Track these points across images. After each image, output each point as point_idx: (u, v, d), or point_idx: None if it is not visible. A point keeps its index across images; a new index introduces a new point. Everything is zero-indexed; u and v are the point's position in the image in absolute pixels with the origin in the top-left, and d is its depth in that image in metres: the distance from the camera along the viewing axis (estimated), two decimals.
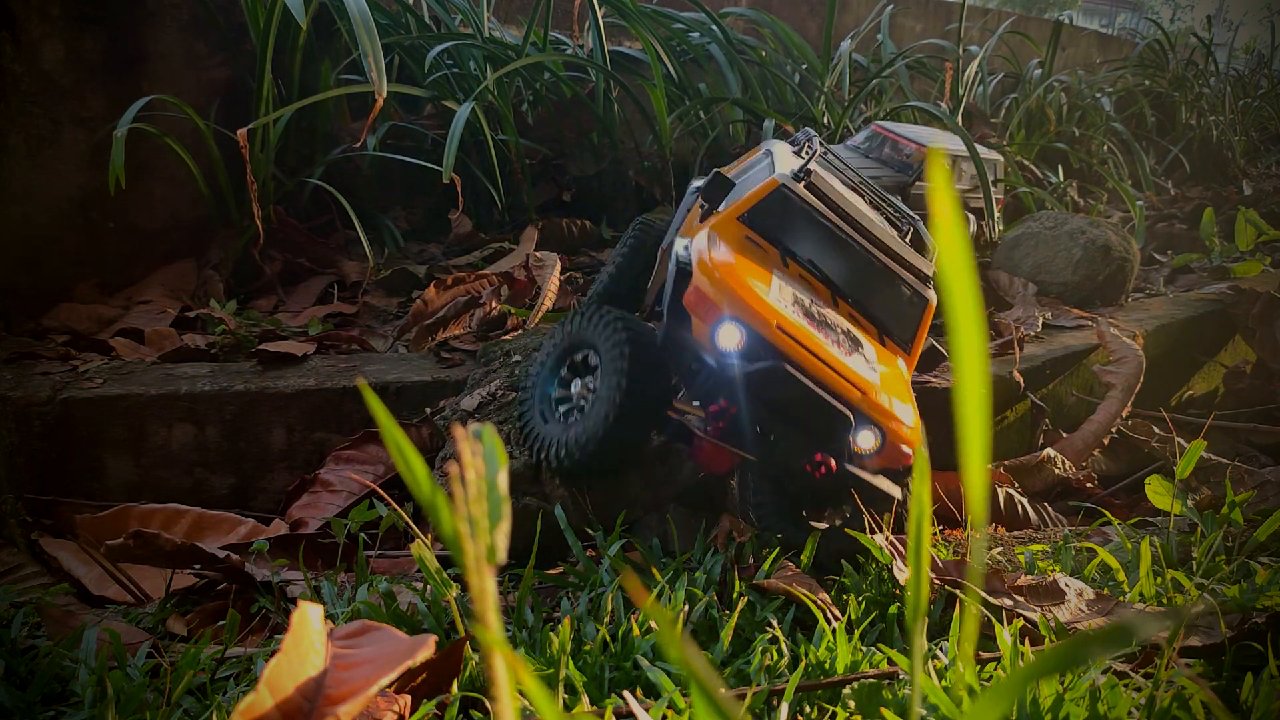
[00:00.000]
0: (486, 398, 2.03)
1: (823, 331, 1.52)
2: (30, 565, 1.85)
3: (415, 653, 0.98)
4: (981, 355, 0.39)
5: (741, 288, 1.47)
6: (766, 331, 1.44)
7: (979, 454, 0.41)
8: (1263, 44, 8.18)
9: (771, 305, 1.48)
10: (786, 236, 1.70)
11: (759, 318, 1.44)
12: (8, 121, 2.58)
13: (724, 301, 1.45)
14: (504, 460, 0.44)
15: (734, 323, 1.43)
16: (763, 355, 1.43)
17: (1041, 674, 0.36)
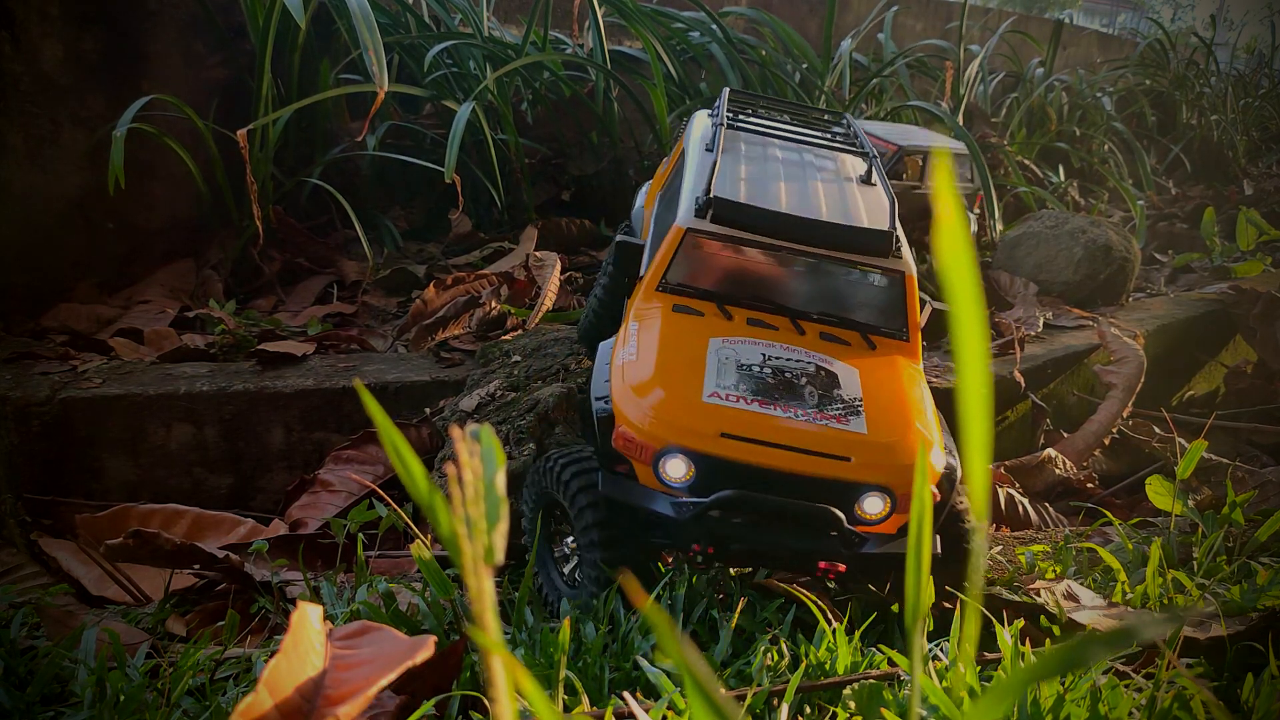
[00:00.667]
0: (485, 398, 2.03)
1: (782, 403, 1.31)
2: (30, 565, 1.85)
3: (415, 653, 0.98)
4: (983, 355, 0.39)
5: (669, 402, 1.29)
6: (713, 447, 1.26)
7: (980, 453, 0.41)
8: (1263, 44, 8.18)
9: (710, 409, 1.28)
10: (719, 282, 1.49)
11: (697, 434, 1.26)
12: (7, 121, 2.57)
13: (655, 431, 1.27)
14: (502, 461, 0.44)
15: (675, 454, 1.26)
16: (719, 477, 1.26)
17: (1043, 675, 0.36)
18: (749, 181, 1.57)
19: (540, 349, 2.18)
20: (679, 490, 1.27)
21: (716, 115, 1.82)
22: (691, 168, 1.64)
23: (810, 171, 1.67)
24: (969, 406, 0.39)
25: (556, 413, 1.93)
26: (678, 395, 1.30)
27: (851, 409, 1.33)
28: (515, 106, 3.60)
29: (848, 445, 1.28)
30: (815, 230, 1.48)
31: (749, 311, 1.48)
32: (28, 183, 2.64)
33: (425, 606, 1.33)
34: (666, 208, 1.70)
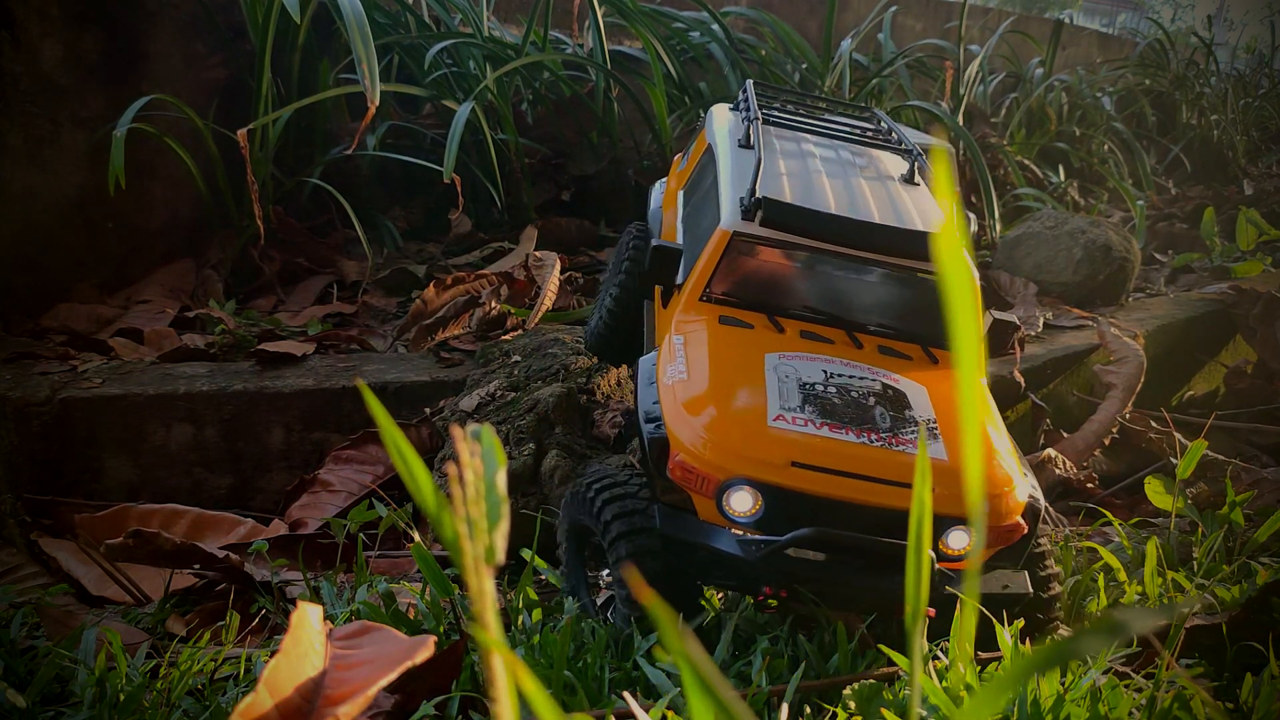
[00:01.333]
0: (486, 398, 2.03)
1: (854, 426, 1.19)
2: (29, 565, 1.85)
3: (415, 653, 0.98)
4: (978, 355, 0.39)
5: (732, 426, 1.17)
6: (783, 478, 1.13)
7: (977, 452, 0.41)
8: (1263, 44, 8.18)
9: (777, 435, 1.16)
10: (767, 291, 1.37)
11: (766, 464, 1.13)
12: (7, 121, 2.57)
13: (719, 461, 1.14)
14: (503, 461, 0.44)
15: (742, 486, 1.13)
16: (789, 511, 1.13)
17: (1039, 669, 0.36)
18: (793, 180, 1.45)
19: (540, 349, 2.18)
20: (744, 526, 1.15)
21: (745, 108, 1.71)
22: (727, 165, 1.52)
23: (852, 170, 1.56)
24: (967, 405, 0.39)
25: (556, 413, 1.93)
26: (741, 419, 1.17)
27: (928, 432, 1.22)
28: (515, 106, 3.60)
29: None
30: (872, 234, 1.35)
31: (801, 323, 1.36)
32: (28, 183, 2.64)
33: (425, 606, 1.33)
34: (698, 210, 1.59)
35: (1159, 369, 2.96)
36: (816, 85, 4.09)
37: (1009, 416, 2.58)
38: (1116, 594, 1.50)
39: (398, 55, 3.44)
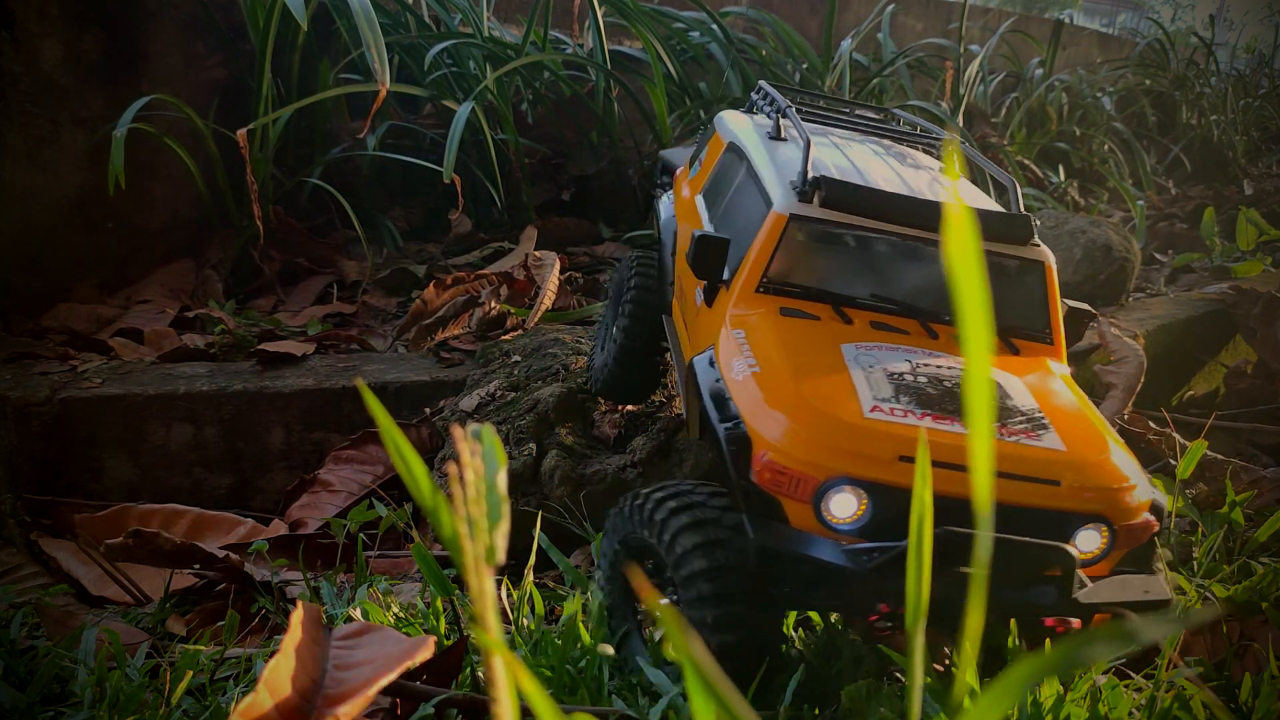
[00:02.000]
0: (485, 398, 2.03)
1: (956, 416, 1.05)
2: (29, 565, 1.85)
3: (415, 653, 0.98)
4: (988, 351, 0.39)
5: (825, 420, 1.03)
6: (892, 475, 0.99)
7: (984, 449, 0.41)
8: (1264, 44, 8.18)
9: (877, 427, 1.02)
10: (829, 280, 1.25)
11: (871, 459, 1.00)
12: (7, 121, 2.57)
13: (816, 458, 1.01)
14: (503, 461, 0.44)
15: (844, 486, 0.99)
16: (900, 513, 0.99)
17: (1043, 675, 0.36)
18: (840, 167, 1.34)
19: (540, 349, 2.18)
20: (847, 534, 1.00)
21: (767, 105, 1.64)
22: (763, 157, 1.42)
23: (891, 159, 1.46)
24: (974, 402, 0.39)
25: (556, 413, 1.93)
26: (834, 412, 1.04)
27: (1036, 423, 1.08)
28: (515, 106, 3.60)
29: (1051, 467, 1.02)
30: (940, 213, 1.23)
31: (869, 314, 1.23)
32: (28, 183, 2.64)
33: (424, 607, 1.33)
34: (732, 208, 1.47)
35: (1159, 369, 2.96)
36: (817, 85, 4.09)
37: None
38: None
39: (398, 55, 3.44)
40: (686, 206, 1.73)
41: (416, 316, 2.52)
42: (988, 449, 0.41)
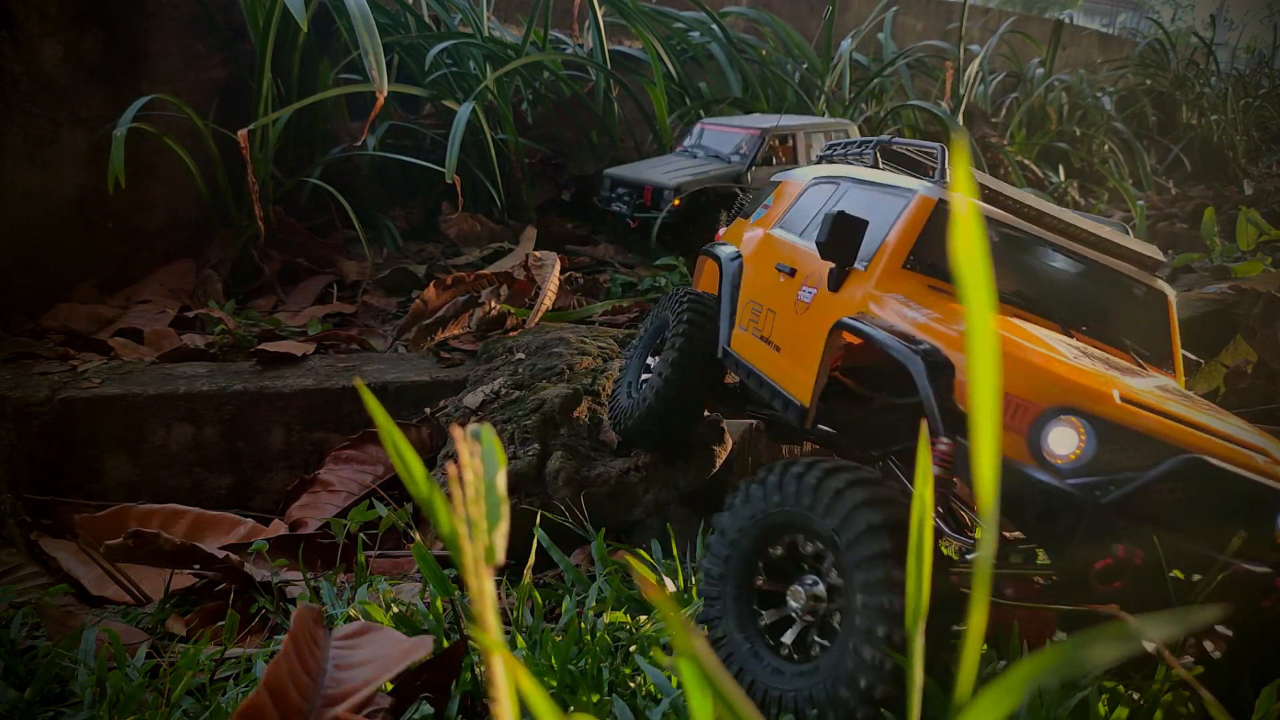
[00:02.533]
0: (490, 395, 2.03)
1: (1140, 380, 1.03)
2: (30, 565, 1.85)
3: (414, 653, 0.98)
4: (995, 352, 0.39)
5: (1036, 355, 0.99)
6: (1118, 412, 0.93)
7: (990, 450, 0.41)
8: (1263, 44, 8.18)
9: (1088, 369, 0.98)
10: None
11: (1096, 393, 0.95)
12: (7, 121, 2.57)
13: (1035, 386, 0.95)
14: (503, 461, 0.44)
15: (1064, 418, 0.93)
16: (1123, 456, 0.93)
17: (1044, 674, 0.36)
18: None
19: (544, 347, 2.18)
20: (1062, 473, 0.93)
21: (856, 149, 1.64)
22: (880, 175, 1.44)
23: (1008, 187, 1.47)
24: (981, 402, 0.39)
25: (562, 414, 1.92)
26: (1044, 350, 0.99)
27: (1207, 407, 1.04)
28: (515, 106, 3.60)
29: (1250, 435, 0.99)
30: (1080, 235, 1.28)
31: (1011, 308, 1.22)
32: (28, 183, 2.64)
33: (424, 607, 1.33)
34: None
35: None
36: (817, 85, 4.09)
37: None
38: None
39: (398, 55, 3.44)
40: (764, 244, 1.65)
41: (416, 316, 2.52)
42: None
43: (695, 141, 3.35)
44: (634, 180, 3.14)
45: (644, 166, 3.26)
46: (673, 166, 3.20)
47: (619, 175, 3.22)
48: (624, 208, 3.16)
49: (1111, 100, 5.76)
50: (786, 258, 1.49)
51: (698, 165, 3.18)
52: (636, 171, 3.20)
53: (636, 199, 3.13)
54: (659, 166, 3.23)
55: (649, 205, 3.10)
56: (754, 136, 3.18)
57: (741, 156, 3.17)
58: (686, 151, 3.35)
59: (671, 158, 3.32)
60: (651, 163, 3.32)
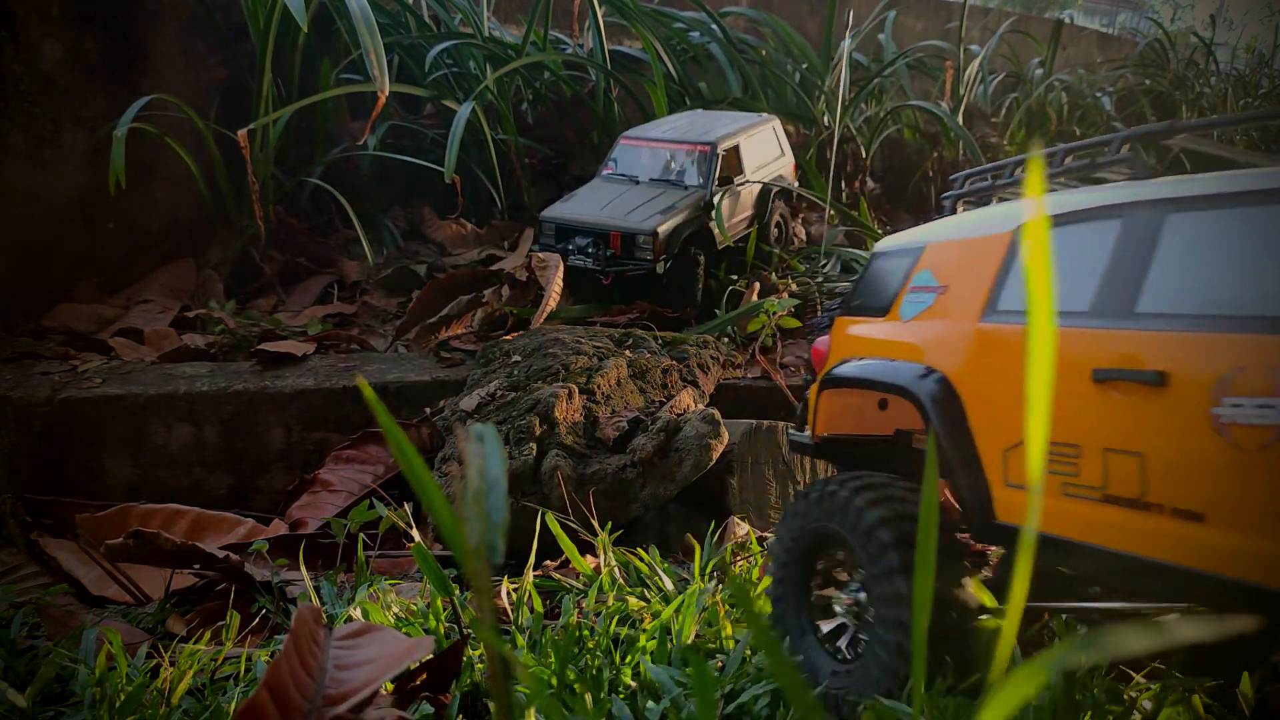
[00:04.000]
0: (486, 398, 2.03)
1: None
2: (30, 565, 1.85)
3: (415, 653, 0.98)
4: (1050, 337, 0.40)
5: None
6: None
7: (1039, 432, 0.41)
8: (1264, 44, 8.18)
9: None
10: None
11: None
12: (8, 121, 2.58)
13: None
14: (504, 460, 0.44)
15: None
16: None
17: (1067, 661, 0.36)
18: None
19: (540, 349, 2.18)
20: None
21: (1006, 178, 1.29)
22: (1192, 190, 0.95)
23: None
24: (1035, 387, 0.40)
25: (557, 413, 1.93)
26: None
27: None
28: (515, 106, 3.61)
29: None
30: None
31: None
32: (29, 183, 2.64)
33: (425, 606, 1.33)
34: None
35: None
36: (816, 85, 4.09)
37: None
38: None
39: (399, 55, 3.44)
40: (974, 345, 1.16)
41: (416, 315, 2.52)
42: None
43: (623, 166, 2.84)
44: (596, 227, 2.60)
45: (590, 203, 2.71)
46: (628, 202, 2.64)
47: (568, 219, 2.65)
48: (587, 261, 2.58)
49: (1111, 100, 5.76)
50: (1121, 356, 0.96)
51: (655, 197, 2.65)
52: (588, 212, 2.66)
53: (603, 249, 2.56)
54: (609, 203, 2.65)
55: (620, 256, 2.55)
56: (705, 153, 2.72)
57: (703, 178, 2.69)
58: (623, 178, 2.80)
59: (610, 187, 2.77)
60: (593, 199, 2.72)
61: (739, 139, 2.81)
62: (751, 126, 2.89)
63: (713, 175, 2.68)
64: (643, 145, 2.81)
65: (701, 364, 2.25)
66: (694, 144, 2.73)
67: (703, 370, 2.23)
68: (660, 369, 2.16)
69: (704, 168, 2.70)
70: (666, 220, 2.55)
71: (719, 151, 2.71)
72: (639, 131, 2.89)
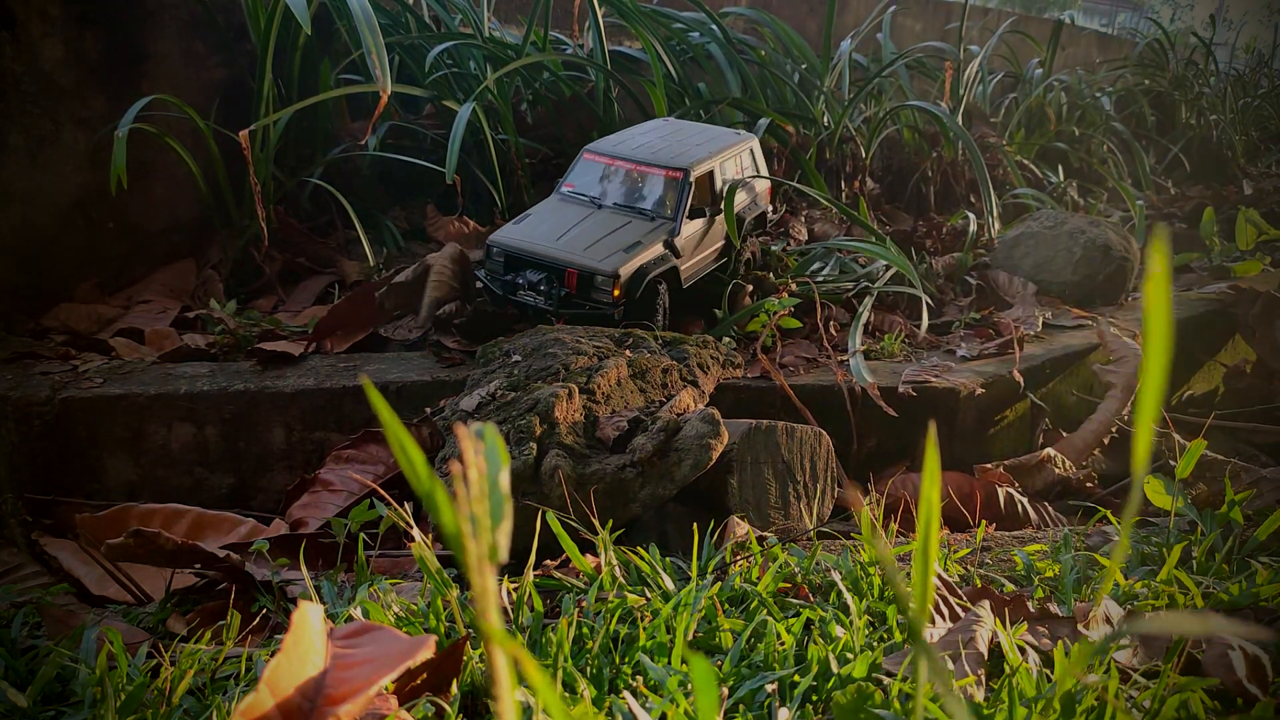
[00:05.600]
0: (486, 398, 2.03)
1: None
2: (30, 565, 1.85)
3: (415, 653, 0.98)
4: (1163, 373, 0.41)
5: None
6: None
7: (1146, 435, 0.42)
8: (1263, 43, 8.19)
9: None
10: None
11: None
12: (8, 121, 2.58)
13: None
14: (506, 460, 0.44)
15: None
16: None
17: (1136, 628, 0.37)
18: None
19: (540, 349, 2.18)
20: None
21: None
22: None
23: None
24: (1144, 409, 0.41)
25: (557, 413, 1.93)
26: None
27: None
28: (515, 107, 3.61)
29: None
30: None
31: None
32: (29, 183, 2.65)
33: (425, 606, 1.33)
34: None
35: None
36: (816, 85, 4.09)
37: (1008, 416, 2.59)
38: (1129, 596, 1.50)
39: (398, 55, 3.44)
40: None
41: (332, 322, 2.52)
42: None
43: (591, 184, 2.54)
44: (550, 261, 2.29)
45: (545, 229, 2.39)
46: (588, 232, 2.35)
47: (520, 248, 2.32)
48: (538, 300, 2.31)
49: (1110, 100, 5.77)
50: None
51: (619, 229, 2.36)
52: (543, 241, 2.33)
53: (556, 288, 2.28)
54: (567, 232, 2.36)
55: (575, 296, 2.28)
56: (676, 180, 2.40)
57: (673, 210, 2.39)
58: (583, 198, 2.53)
59: (569, 210, 2.50)
60: (549, 223, 2.42)
61: (714, 163, 2.52)
62: (728, 148, 2.60)
63: (684, 206, 2.38)
64: (608, 163, 2.53)
65: (701, 364, 2.25)
66: (665, 168, 2.43)
67: (703, 370, 2.24)
68: (660, 369, 2.17)
69: (674, 196, 2.39)
70: (630, 259, 2.25)
71: (691, 180, 2.41)
72: (605, 147, 2.58)
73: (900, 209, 4.21)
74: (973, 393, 2.41)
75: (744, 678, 1.15)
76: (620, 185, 2.49)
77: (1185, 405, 3.28)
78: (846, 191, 3.90)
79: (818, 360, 2.53)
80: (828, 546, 1.75)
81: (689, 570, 1.52)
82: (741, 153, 2.68)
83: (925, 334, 2.82)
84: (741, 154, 2.68)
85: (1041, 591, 1.50)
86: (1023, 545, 1.74)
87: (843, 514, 2.09)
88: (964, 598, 1.38)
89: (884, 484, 2.20)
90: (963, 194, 4.36)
